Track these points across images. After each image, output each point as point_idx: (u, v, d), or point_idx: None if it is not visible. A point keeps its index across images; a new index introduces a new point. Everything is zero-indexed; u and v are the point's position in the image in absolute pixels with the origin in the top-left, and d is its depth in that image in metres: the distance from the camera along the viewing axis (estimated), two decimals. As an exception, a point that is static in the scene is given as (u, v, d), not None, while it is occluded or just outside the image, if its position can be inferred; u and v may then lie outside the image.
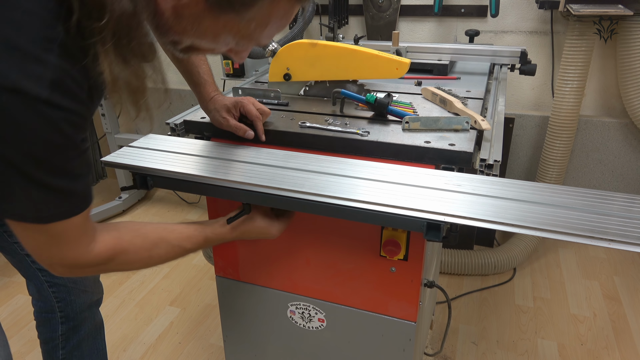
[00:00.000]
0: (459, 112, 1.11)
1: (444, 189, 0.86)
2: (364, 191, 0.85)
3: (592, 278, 2.22)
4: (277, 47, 1.21)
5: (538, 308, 2.04)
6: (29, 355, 1.86)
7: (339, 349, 1.16)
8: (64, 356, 1.21)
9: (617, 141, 2.30)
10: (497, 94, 1.32)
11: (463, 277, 2.25)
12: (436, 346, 1.82)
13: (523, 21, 2.27)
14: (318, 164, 0.96)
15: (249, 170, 0.94)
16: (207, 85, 1.09)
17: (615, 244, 0.72)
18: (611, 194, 0.84)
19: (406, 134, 1.04)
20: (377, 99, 1.10)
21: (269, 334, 1.24)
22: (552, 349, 1.82)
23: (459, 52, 1.60)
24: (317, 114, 1.16)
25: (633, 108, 2.11)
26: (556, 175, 2.25)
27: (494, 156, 0.94)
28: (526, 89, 2.41)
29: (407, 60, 1.17)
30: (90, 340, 1.27)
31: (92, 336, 1.28)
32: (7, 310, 2.09)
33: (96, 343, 1.30)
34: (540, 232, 0.75)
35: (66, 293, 1.17)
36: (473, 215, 0.78)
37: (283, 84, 1.26)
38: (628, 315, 1.98)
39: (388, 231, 0.95)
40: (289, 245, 1.10)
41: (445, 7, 2.27)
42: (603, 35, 2.07)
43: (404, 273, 1.00)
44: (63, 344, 1.21)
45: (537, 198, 0.83)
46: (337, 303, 1.11)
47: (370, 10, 2.38)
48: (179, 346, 1.88)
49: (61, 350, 1.21)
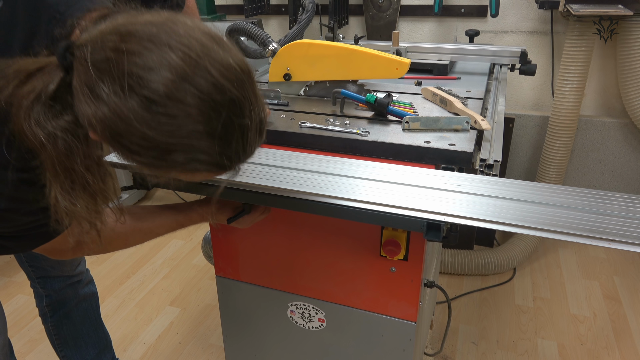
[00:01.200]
0: (459, 112, 1.11)
1: (444, 189, 0.86)
2: (364, 191, 0.85)
3: (592, 278, 2.22)
4: (277, 47, 1.21)
5: (538, 308, 2.04)
6: (29, 355, 1.86)
7: (339, 349, 1.16)
8: (53, 323, 1.47)
9: (617, 141, 2.30)
10: (497, 94, 1.32)
11: (463, 277, 2.25)
12: (436, 346, 1.82)
13: (523, 21, 2.27)
14: (318, 164, 0.96)
15: (249, 170, 0.94)
16: None
17: (615, 244, 0.72)
18: (611, 194, 0.84)
19: (406, 134, 1.04)
20: (377, 99, 1.10)
21: (269, 334, 1.24)
22: (552, 349, 1.82)
23: (459, 52, 1.60)
24: (317, 114, 1.16)
25: (633, 108, 2.11)
26: (556, 175, 2.25)
27: (494, 156, 0.94)
28: (526, 89, 2.41)
29: (407, 60, 1.17)
30: (81, 310, 1.50)
31: (82, 307, 1.50)
32: (7, 311, 2.09)
33: (87, 313, 1.52)
34: (540, 232, 0.75)
35: (45, 273, 1.40)
36: (473, 215, 0.78)
37: (283, 84, 1.26)
38: (628, 315, 1.98)
39: (388, 231, 0.95)
40: (289, 245, 1.10)
41: (445, 7, 2.27)
42: (603, 35, 2.07)
43: (404, 273, 1.00)
44: (51, 313, 1.46)
45: (537, 198, 0.83)
46: (337, 303, 1.11)
47: (370, 10, 2.38)
48: (179, 346, 1.88)
49: (50, 319, 1.47)
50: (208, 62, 0.57)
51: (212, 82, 0.57)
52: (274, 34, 2.66)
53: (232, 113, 0.60)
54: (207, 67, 0.57)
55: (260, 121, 0.65)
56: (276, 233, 1.08)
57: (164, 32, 0.57)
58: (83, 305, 1.50)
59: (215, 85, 0.57)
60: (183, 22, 0.60)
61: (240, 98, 0.60)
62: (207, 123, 0.58)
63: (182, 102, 0.56)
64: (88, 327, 1.53)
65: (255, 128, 0.64)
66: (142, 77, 0.55)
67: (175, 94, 0.56)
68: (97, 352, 1.57)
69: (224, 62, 0.59)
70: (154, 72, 0.55)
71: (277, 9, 2.59)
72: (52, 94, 0.59)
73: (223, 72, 0.58)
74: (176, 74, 0.55)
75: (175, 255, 2.46)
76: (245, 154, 0.65)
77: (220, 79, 0.58)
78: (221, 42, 0.61)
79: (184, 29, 0.58)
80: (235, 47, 0.63)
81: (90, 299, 1.52)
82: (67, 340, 1.51)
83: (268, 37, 1.22)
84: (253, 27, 1.23)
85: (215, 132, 0.59)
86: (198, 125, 0.58)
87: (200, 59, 0.57)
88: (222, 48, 0.60)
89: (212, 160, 0.62)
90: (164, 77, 0.55)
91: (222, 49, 0.60)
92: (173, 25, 0.58)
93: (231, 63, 0.60)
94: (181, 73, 0.56)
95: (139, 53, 0.55)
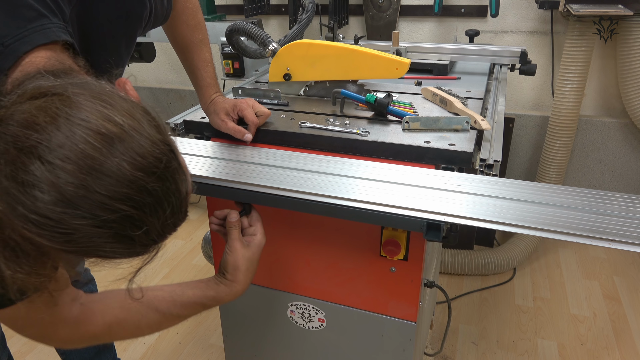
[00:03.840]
0: (459, 112, 1.11)
1: (444, 189, 0.86)
2: (364, 191, 0.85)
3: (592, 278, 2.22)
4: (277, 47, 1.21)
5: (538, 308, 2.04)
6: (29, 355, 1.86)
7: (339, 349, 1.16)
8: None
9: (617, 141, 2.30)
10: (497, 94, 1.32)
11: (463, 277, 2.25)
12: (436, 346, 1.82)
13: (523, 21, 2.27)
14: (318, 164, 0.96)
15: (249, 170, 0.94)
16: (208, 87, 1.10)
17: (615, 244, 0.72)
18: (611, 194, 0.84)
19: (406, 134, 1.04)
20: (377, 99, 1.10)
21: (269, 334, 1.24)
22: (552, 349, 1.82)
23: (459, 52, 1.60)
24: (317, 114, 1.16)
25: (633, 108, 2.11)
26: (556, 175, 2.25)
27: (494, 156, 0.94)
28: (526, 89, 2.41)
29: (407, 60, 1.17)
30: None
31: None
32: (7, 310, 2.09)
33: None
34: (540, 232, 0.75)
35: None
36: (473, 215, 0.78)
37: (283, 84, 1.26)
38: (628, 315, 1.98)
39: (388, 231, 0.95)
40: (289, 245, 1.10)
41: (445, 7, 2.26)
42: (603, 35, 2.07)
43: (404, 273, 1.00)
44: None
45: (537, 198, 0.83)
46: (337, 303, 1.11)
47: (370, 10, 2.38)
48: (179, 346, 1.88)
49: None
50: (97, 184, 0.48)
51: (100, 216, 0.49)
52: (274, 34, 2.66)
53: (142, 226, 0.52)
54: (97, 190, 0.48)
55: (183, 208, 0.57)
56: (276, 233, 1.08)
57: (62, 137, 0.48)
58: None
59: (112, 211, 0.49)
60: (80, 118, 0.49)
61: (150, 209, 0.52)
62: (115, 238, 0.51)
63: (74, 228, 0.49)
64: None
65: (177, 221, 0.57)
66: (29, 195, 0.47)
67: (65, 219, 0.48)
68: (97, 352, 1.56)
69: (115, 185, 0.49)
70: (40, 191, 0.47)
71: (277, 9, 2.59)
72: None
73: (117, 193, 0.49)
74: (62, 197, 0.47)
75: (175, 255, 2.46)
76: (163, 239, 0.57)
77: (116, 203, 0.49)
78: (119, 141, 0.50)
79: (72, 133, 0.48)
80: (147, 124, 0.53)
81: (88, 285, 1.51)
82: None
83: (268, 37, 1.22)
84: (253, 27, 1.23)
85: (131, 248, 0.53)
86: (102, 239, 0.51)
87: (81, 187, 0.48)
88: (119, 150, 0.50)
89: (126, 255, 0.56)
90: (51, 200, 0.47)
91: (119, 152, 0.49)
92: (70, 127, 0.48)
93: (127, 176, 0.50)
94: (69, 197, 0.47)
95: (29, 162, 0.47)
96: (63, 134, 0.48)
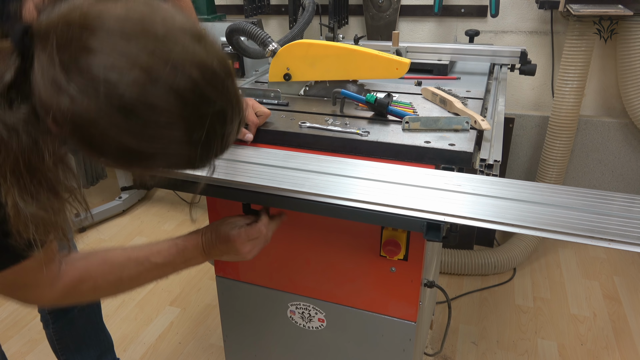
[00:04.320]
0: (459, 112, 1.11)
1: (444, 189, 0.86)
2: (364, 191, 0.85)
3: (592, 278, 2.22)
4: (277, 47, 1.21)
5: (538, 308, 2.04)
6: (29, 355, 1.86)
7: (339, 349, 1.16)
8: (55, 330, 1.47)
9: (617, 141, 2.30)
10: (497, 94, 1.32)
11: (463, 277, 2.25)
12: (436, 346, 1.82)
13: (523, 21, 2.27)
14: (318, 164, 0.96)
15: (249, 170, 0.94)
16: None
17: (615, 244, 0.72)
18: (611, 194, 0.84)
19: (406, 134, 1.04)
20: (377, 99, 1.10)
21: (269, 334, 1.24)
22: (552, 349, 1.82)
23: (459, 52, 1.60)
24: (317, 114, 1.16)
25: (633, 108, 2.11)
26: (556, 175, 2.25)
27: (494, 156, 0.94)
28: (526, 89, 2.41)
29: (407, 60, 1.17)
30: (83, 316, 1.50)
31: (85, 314, 1.51)
32: (7, 310, 2.09)
33: (90, 317, 1.53)
34: (540, 232, 0.75)
35: None
36: (473, 215, 0.78)
37: (283, 84, 1.26)
38: (628, 315, 1.98)
39: (388, 231, 0.95)
40: (288, 245, 1.10)
41: (445, 7, 2.27)
42: (603, 35, 2.07)
43: (404, 273, 1.00)
44: (53, 320, 1.45)
45: (537, 198, 0.83)
46: (337, 303, 1.11)
47: (370, 10, 2.38)
48: (179, 346, 1.88)
49: (52, 325, 1.46)
50: (189, 65, 0.53)
51: (193, 90, 0.54)
52: (274, 34, 2.66)
53: (217, 122, 0.57)
54: (188, 71, 0.53)
55: (241, 120, 0.63)
56: (276, 233, 1.08)
57: (139, 29, 0.52)
58: (86, 310, 1.50)
59: (198, 94, 0.54)
60: (162, 16, 0.54)
61: (224, 106, 0.57)
62: (189, 133, 0.55)
63: (159, 108, 0.52)
64: (90, 332, 1.53)
65: (237, 130, 0.62)
66: (109, 81, 0.50)
67: (151, 99, 0.52)
68: (99, 354, 1.57)
69: (207, 65, 0.55)
70: (125, 74, 0.50)
71: (277, 9, 2.59)
72: (9, 83, 0.53)
73: (207, 76, 0.55)
74: (150, 78, 0.51)
75: (175, 255, 2.46)
76: (223, 153, 0.64)
77: (204, 85, 0.54)
78: (203, 39, 0.56)
79: (163, 26, 0.53)
80: (216, 42, 0.58)
81: (92, 304, 1.53)
82: (68, 345, 1.50)
83: (268, 37, 1.22)
84: (253, 27, 1.23)
85: (198, 141, 0.56)
86: (179, 134, 0.55)
87: (179, 64, 0.52)
88: (204, 47, 0.56)
89: (190, 162, 0.61)
90: (136, 81, 0.51)
91: (204, 49, 0.56)
92: (149, 20, 0.53)
93: (215, 67, 0.56)
94: (156, 77, 0.51)
95: (108, 52, 0.50)
96: (158, 25, 0.53)
